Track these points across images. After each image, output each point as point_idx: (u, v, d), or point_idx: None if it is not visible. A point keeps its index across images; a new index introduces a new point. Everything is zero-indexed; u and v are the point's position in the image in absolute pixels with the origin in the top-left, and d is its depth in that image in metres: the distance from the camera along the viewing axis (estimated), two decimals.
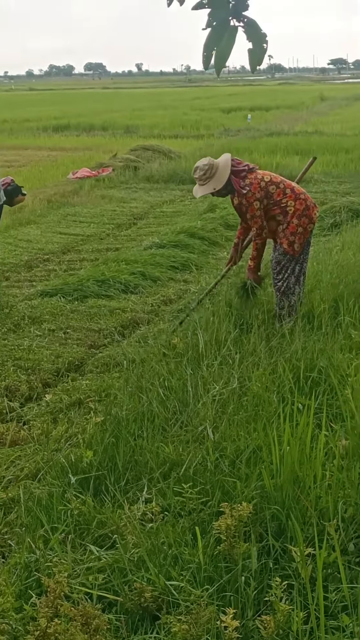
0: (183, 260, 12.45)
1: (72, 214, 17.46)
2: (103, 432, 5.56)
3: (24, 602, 3.78)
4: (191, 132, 37.84)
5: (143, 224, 16.37)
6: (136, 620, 3.79)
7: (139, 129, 39.35)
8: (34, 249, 13.87)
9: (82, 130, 41.19)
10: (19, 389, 7.29)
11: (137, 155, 25.65)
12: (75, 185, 21.08)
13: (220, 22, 3.81)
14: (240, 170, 7.85)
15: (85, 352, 8.37)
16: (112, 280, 10.87)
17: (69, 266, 12.57)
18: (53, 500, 4.74)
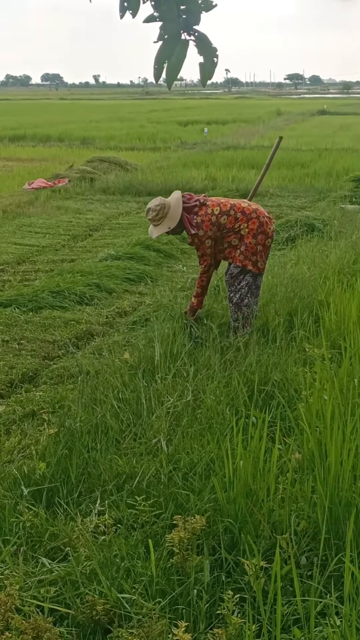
0: (138, 272, 12.45)
1: (27, 224, 17.38)
2: (56, 443, 5.54)
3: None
4: (148, 144, 37.91)
5: (99, 236, 16.34)
6: (88, 634, 3.77)
7: (95, 141, 39.35)
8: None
9: (39, 140, 41.07)
10: None
11: (93, 166, 25.64)
12: (31, 195, 21.01)
13: (171, 35, 3.82)
14: (192, 206, 7.91)
15: (39, 364, 8.33)
16: (67, 292, 10.84)
17: (23, 277, 12.51)
18: (5, 512, 4.70)
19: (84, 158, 28.34)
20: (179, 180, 22.16)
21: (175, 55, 3.81)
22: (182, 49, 3.82)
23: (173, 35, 3.82)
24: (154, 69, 3.86)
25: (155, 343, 7.35)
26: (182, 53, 3.82)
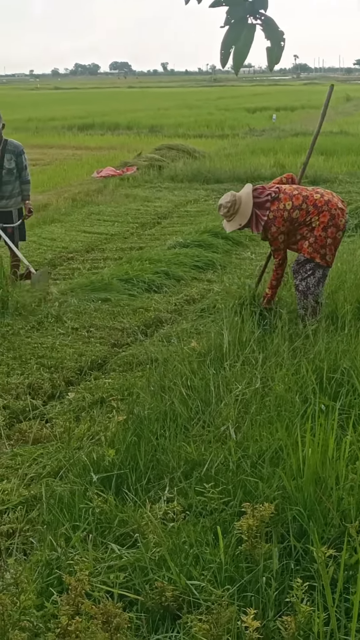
0: (207, 259, 12.45)
1: (96, 212, 17.49)
2: (125, 430, 5.56)
3: (45, 599, 3.79)
4: (216, 131, 37.80)
5: (167, 223, 16.37)
6: (157, 620, 3.79)
7: (163, 129, 39.35)
8: (58, 248, 13.91)
9: (107, 129, 41.24)
10: (42, 387, 7.31)
11: (161, 154, 25.67)
12: (99, 184, 21.12)
13: (237, 19, 3.78)
14: (263, 201, 7.83)
15: (108, 351, 8.38)
16: (136, 279, 10.88)
17: (92, 265, 12.59)
18: (75, 499, 4.74)
19: (152, 146, 28.38)
20: (247, 167, 22.06)
21: (242, 39, 3.77)
22: (249, 33, 3.77)
23: (239, 19, 3.78)
24: (221, 54, 3.83)
25: (223, 330, 7.34)
26: (248, 37, 3.77)
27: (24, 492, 5.28)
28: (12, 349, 8.28)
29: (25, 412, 6.83)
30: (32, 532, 4.84)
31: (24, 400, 7.01)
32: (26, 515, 5.02)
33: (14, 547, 4.73)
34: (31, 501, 5.19)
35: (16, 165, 10.41)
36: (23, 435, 6.36)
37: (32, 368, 7.72)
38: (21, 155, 10.44)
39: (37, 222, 16.04)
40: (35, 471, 5.60)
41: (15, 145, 10.41)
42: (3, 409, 6.83)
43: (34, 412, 6.82)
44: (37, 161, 26.92)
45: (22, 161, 10.45)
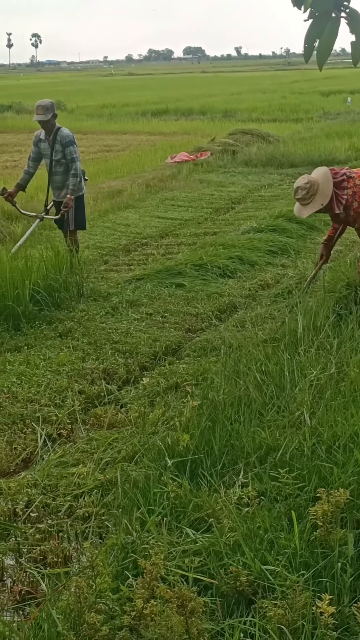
0: (281, 244, 12.38)
1: (170, 198, 17.51)
2: (200, 415, 5.56)
3: (120, 582, 3.82)
4: (290, 115, 37.56)
5: (241, 208, 16.33)
6: (231, 604, 3.79)
7: (237, 113, 39.22)
8: (132, 233, 13.96)
9: (181, 114, 41.25)
10: (116, 372, 7.36)
11: (235, 139, 25.58)
12: (173, 169, 21.12)
13: (321, 13, 3.70)
14: (339, 181, 7.75)
15: (182, 336, 8.40)
16: (210, 265, 10.87)
17: (166, 250, 12.62)
18: (150, 483, 4.77)
19: (226, 131, 28.28)
20: (322, 151, 21.88)
21: (326, 33, 3.68)
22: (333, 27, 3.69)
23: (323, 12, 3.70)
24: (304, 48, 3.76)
25: (297, 315, 7.30)
26: (332, 31, 3.68)
27: (100, 476, 5.33)
28: (87, 334, 8.36)
29: (101, 397, 6.89)
30: (107, 515, 4.88)
31: (99, 385, 7.07)
32: (101, 499, 5.07)
33: (90, 530, 4.79)
34: (106, 485, 5.24)
35: (64, 157, 10.26)
36: (98, 420, 6.42)
37: (107, 353, 7.78)
38: (69, 146, 10.20)
39: (111, 208, 16.13)
40: (110, 455, 5.65)
41: (63, 136, 10.23)
42: (79, 394, 6.89)
43: (109, 397, 6.88)
44: (111, 147, 27.06)
45: (70, 152, 10.22)
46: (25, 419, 6.39)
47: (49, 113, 10.03)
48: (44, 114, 10.07)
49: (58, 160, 10.24)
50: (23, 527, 4.88)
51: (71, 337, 8.32)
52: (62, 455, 5.75)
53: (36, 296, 8.99)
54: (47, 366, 7.49)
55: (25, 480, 5.39)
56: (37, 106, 10.19)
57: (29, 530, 4.83)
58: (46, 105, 10.07)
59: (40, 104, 10.16)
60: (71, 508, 5.08)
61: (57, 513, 5.04)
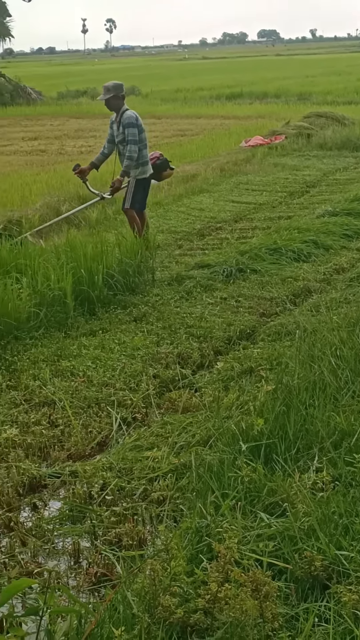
0: (356, 228, 12.25)
1: (244, 182, 17.44)
2: (274, 400, 5.55)
3: (195, 566, 3.83)
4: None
5: (316, 192, 16.20)
6: (306, 589, 3.78)
7: (312, 96, 38.88)
8: (206, 218, 13.94)
9: (255, 98, 41.04)
10: (191, 357, 7.37)
11: (310, 122, 25.37)
12: (247, 153, 21.03)
13: None
14: None
15: (256, 321, 8.37)
16: (284, 249, 10.81)
17: (241, 234, 12.58)
18: (224, 467, 4.77)
19: (301, 114, 28.07)
20: None
21: None
22: None
23: None
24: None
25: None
26: None
27: (174, 460, 5.35)
28: (161, 318, 8.39)
29: (175, 381, 6.91)
30: (181, 499, 4.90)
31: (174, 369, 7.09)
32: (176, 483, 5.09)
33: (165, 514, 4.81)
34: (181, 469, 5.25)
35: (125, 139, 10.34)
36: (173, 404, 6.44)
37: (182, 337, 7.80)
38: (128, 127, 10.25)
39: (185, 192, 16.13)
40: (184, 439, 5.66)
41: (125, 117, 10.32)
42: (153, 378, 6.92)
43: (183, 381, 6.89)
44: (185, 131, 27.05)
45: (127, 134, 10.28)
46: (100, 403, 6.45)
47: (108, 94, 10.23)
48: (104, 94, 10.37)
49: (121, 142, 10.36)
50: (98, 509, 4.93)
51: (146, 322, 8.36)
52: (136, 438, 5.78)
53: (110, 281, 9.05)
54: (121, 350, 7.54)
55: (100, 464, 5.44)
56: (103, 87, 10.48)
57: (104, 512, 4.88)
58: (107, 86, 10.29)
59: (105, 85, 10.44)
60: (146, 491, 5.11)
61: (132, 496, 5.08)
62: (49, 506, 5.13)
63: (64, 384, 6.80)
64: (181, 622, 3.50)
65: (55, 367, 7.20)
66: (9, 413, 6.33)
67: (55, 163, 20.14)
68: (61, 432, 6.00)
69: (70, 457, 5.68)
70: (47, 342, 7.77)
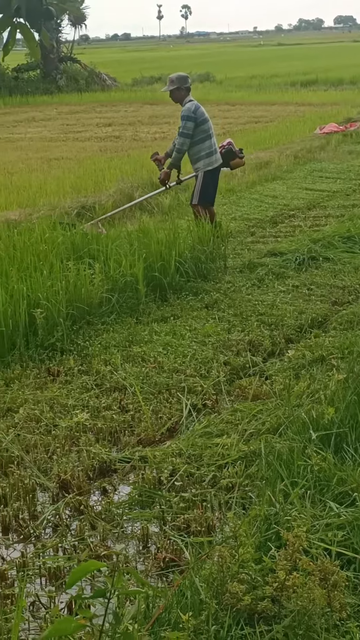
0: None
1: (318, 169, 17.32)
2: (345, 389, 5.51)
3: (263, 553, 3.83)
4: None
5: None
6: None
7: None
8: (279, 205, 13.88)
9: (330, 84, 40.71)
10: (262, 344, 7.35)
11: None
12: (322, 140, 20.87)
13: None
14: None
15: (328, 309, 8.32)
16: (358, 237, 10.71)
17: (314, 222, 12.49)
18: (293, 455, 4.75)
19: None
20: None
21: None
22: None
23: None
24: None
25: None
26: None
27: (244, 447, 5.35)
28: (233, 305, 8.38)
29: (246, 368, 6.89)
30: (250, 487, 4.90)
31: (244, 356, 7.07)
32: (245, 470, 5.08)
33: (233, 501, 4.81)
34: (250, 457, 5.24)
35: None
36: (243, 391, 6.42)
37: (253, 325, 7.78)
38: (184, 120, 10.12)
39: (258, 179, 16.08)
40: (254, 427, 5.65)
41: (184, 109, 10.22)
42: (224, 365, 6.92)
43: (253, 368, 6.87)
44: (260, 118, 26.93)
45: (181, 126, 10.17)
46: (170, 389, 6.46)
47: (172, 85, 10.23)
48: (168, 85, 10.37)
49: (179, 134, 10.26)
50: (168, 495, 4.94)
51: (217, 309, 8.36)
52: (206, 425, 5.78)
53: (183, 267, 9.07)
54: (192, 337, 7.55)
55: (170, 450, 5.46)
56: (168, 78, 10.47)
57: (173, 498, 4.89)
58: (172, 78, 10.30)
59: (169, 76, 10.47)
60: (215, 478, 5.11)
61: (201, 482, 5.08)
62: (119, 491, 5.16)
63: (134, 370, 6.84)
64: (248, 609, 3.50)
65: (126, 352, 7.24)
66: (80, 397, 6.38)
67: (129, 149, 20.23)
68: (131, 418, 6.04)
69: (140, 442, 5.70)
70: (118, 328, 7.82)
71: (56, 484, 5.14)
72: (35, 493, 5.09)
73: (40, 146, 22.11)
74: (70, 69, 45.80)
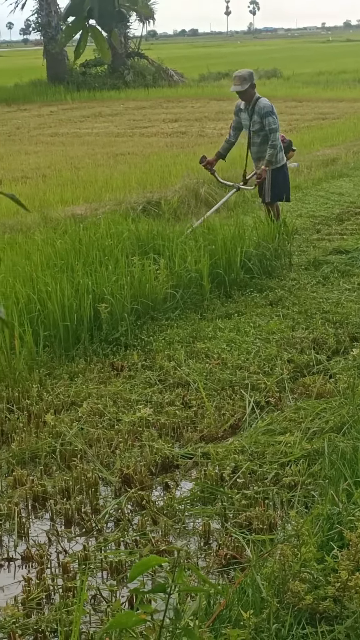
0: None
1: None
2: None
3: (325, 553, 3.81)
4: None
5: None
6: None
7: None
8: (345, 202, 13.78)
9: None
10: (326, 342, 7.30)
11: None
12: None
13: None
14: None
15: None
16: None
17: None
18: (357, 455, 4.72)
19: None
20: None
21: None
22: None
23: None
24: None
25: None
26: None
27: (307, 445, 5.32)
28: (297, 303, 8.34)
29: (309, 366, 6.86)
30: (313, 485, 4.87)
31: (309, 354, 7.04)
32: (308, 469, 5.06)
33: (296, 499, 4.79)
34: (313, 455, 5.22)
35: (262, 127, 10.04)
36: (307, 389, 6.39)
37: (317, 323, 7.73)
38: (268, 116, 9.96)
39: (325, 176, 15.98)
40: (317, 425, 5.62)
41: (261, 106, 10.02)
42: (288, 363, 6.89)
43: (317, 366, 6.84)
44: (327, 115, 26.75)
45: (269, 123, 9.98)
46: (234, 386, 6.45)
47: (245, 83, 9.96)
48: (241, 84, 10.03)
49: (256, 131, 10.11)
50: (230, 492, 4.94)
51: (281, 306, 8.33)
52: (269, 423, 5.76)
53: (248, 263, 9.05)
54: (256, 334, 7.53)
55: (232, 446, 5.45)
56: (235, 77, 10.22)
57: (235, 495, 4.89)
58: (243, 76, 10.01)
59: (237, 74, 10.18)
60: (277, 476, 5.09)
61: (264, 480, 5.07)
62: (181, 486, 5.17)
63: (198, 366, 6.84)
64: (310, 609, 3.48)
65: (190, 348, 7.25)
66: (143, 392, 6.41)
67: (195, 145, 20.22)
68: (194, 414, 6.04)
69: (202, 438, 5.71)
70: (182, 324, 7.83)
71: (119, 478, 5.16)
72: (97, 487, 5.13)
73: (107, 141, 22.23)
74: (137, 65, 45.90)
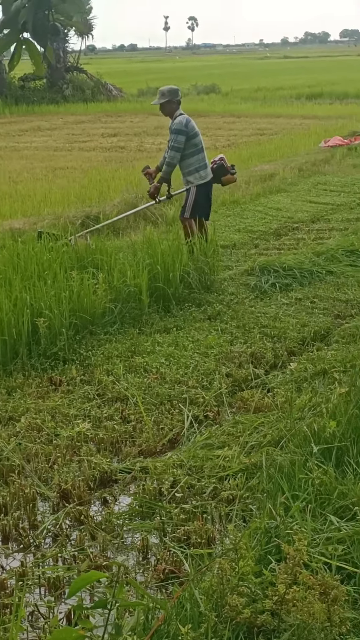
0: None
1: (322, 182, 17.35)
2: (347, 403, 5.50)
3: (263, 566, 3.83)
4: None
5: None
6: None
7: None
8: (283, 217, 13.90)
9: (336, 98, 40.77)
10: (264, 357, 7.35)
11: None
12: (326, 153, 20.91)
13: None
14: None
15: (331, 322, 8.32)
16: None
17: (317, 235, 12.50)
18: (295, 468, 4.75)
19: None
20: None
21: None
22: None
23: None
24: None
25: None
26: None
27: (245, 459, 5.34)
28: (235, 317, 8.39)
29: (248, 380, 6.89)
30: (251, 499, 4.89)
31: (247, 369, 7.07)
32: (246, 483, 5.08)
33: (234, 513, 4.81)
34: (251, 469, 5.24)
35: None
36: (245, 403, 6.42)
37: (256, 337, 7.78)
38: (173, 133, 10.04)
39: (263, 191, 16.10)
40: (255, 439, 5.65)
41: (175, 123, 10.08)
42: (226, 377, 6.92)
43: (256, 380, 6.87)
44: (264, 130, 26.99)
45: (171, 139, 10.08)
46: (172, 400, 6.47)
47: (163, 98, 10.09)
48: (158, 98, 10.23)
49: (170, 147, 10.17)
50: (168, 506, 4.94)
51: (220, 320, 8.37)
52: (208, 437, 5.78)
53: (187, 278, 9.07)
54: (195, 348, 7.55)
55: (171, 461, 5.46)
56: (158, 91, 10.41)
57: (173, 510, 4.89)
58: (162, 91, 10.19)
59: (160, 89, 10.38)
60: (216, 490, 5.11)
61: (202, 494, 5.08)
62: (119, 501, 5.16)
63: (137, 380, 6.84)
64: (248, 623, 3.49)
65: (128, 363, 7.24)
66: (82, 407, 6.39)
67: (134, 160, 20.25)
68: (133, 428, 6.04)
69: (141, 453, 5.70)
70: (121, 338, 7.83)
71: (57, 493, 5.14)
72: (35, 502, 5.09)
73: (46, 155, 22.15)
74: (76, 79, 45.87)
